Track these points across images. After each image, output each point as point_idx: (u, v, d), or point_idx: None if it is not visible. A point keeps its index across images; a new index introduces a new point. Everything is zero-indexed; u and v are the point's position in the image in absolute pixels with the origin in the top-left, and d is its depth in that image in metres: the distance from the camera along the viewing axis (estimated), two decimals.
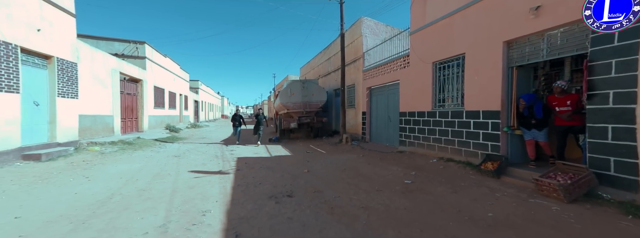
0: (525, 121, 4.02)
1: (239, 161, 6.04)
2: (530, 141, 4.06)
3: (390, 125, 8.17)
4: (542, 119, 3.89)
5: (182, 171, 4.92)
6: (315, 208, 2.99)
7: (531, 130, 4.00)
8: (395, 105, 7.75)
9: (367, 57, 9.84)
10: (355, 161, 5.87)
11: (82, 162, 5.42)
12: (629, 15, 2.90)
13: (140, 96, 11.39)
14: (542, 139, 3.96)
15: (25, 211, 2.84)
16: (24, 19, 5.37)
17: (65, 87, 6.47)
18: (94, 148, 6.57)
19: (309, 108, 10.68)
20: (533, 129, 3.98)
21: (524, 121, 4.04)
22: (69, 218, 2.65)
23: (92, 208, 2.95)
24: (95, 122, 7.87)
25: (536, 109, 3.91)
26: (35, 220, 2.60)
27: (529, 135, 4.05)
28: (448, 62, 5.53)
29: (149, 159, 6.11)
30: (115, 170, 4.89)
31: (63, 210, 2.87)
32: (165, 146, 8.33)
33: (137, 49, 11.48)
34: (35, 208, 2.91)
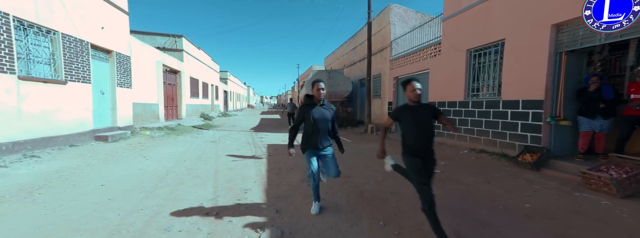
0: (592, 107, 3.61)
1: (269, 147, 6.46)
2: (587, 133, 3.71)
3: None
4: (612, 103, 3.53)
5: (221, 155, 5.44)
6: (346, 191, 3.20)
7: (595, 119, 3.62)
8: (424, 95, 7.54)
9: (394, 46, 9.55)
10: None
11: (138, 144, 6.24)
12: (629, 15, 2.88)
13: (179, 86, 12.41)
14: (605, 130, 3.59)
15: (107, 181, 3.47)
16: (92, 18, 6.14)
17: (122, 78, 7.34)
18: (145, 132, 7.46)
19: (334, 97, 10.80)
20: (598, 118, 3.59)
21: (590, 106, 3.63)
22: (140, 188, 3.19)
23: (154, 181, 3.49)
24: (145, 109, 8.86)
25: (605, 91, 3.54)
26: (116, 188, 3.18)
27: (587, 126, 3.70)
28: (484, 49, 5.21)
29: (190, 143, 6.80)
30: (165, 151, 5.57)
31: (134, 182, 3.45)
32: (202, 133, 9.12)
33: (175, 43, 12.37)
34: (113, 179, 3.53)
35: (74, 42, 5.57)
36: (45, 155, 4.60)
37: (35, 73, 4.77)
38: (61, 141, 5.23)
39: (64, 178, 3.49)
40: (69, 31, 5.43)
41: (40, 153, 4.64)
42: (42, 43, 4.93)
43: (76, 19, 5.61)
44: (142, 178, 3.64)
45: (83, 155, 4.87)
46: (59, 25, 5.17)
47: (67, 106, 5.40)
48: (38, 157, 4.38)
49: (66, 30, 5.35)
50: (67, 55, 5.40)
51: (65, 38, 5.34)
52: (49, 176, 3.56)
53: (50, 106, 5.02)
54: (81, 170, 3.90)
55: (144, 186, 3.27)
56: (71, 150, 5.12)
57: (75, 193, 2.99)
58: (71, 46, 5.49)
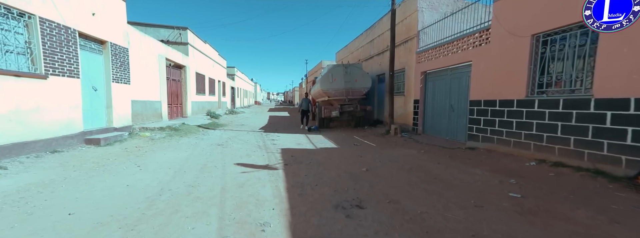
0: None
1: (284, 153, 5.55)
2: None
3: (452, 115, 6.93)
4: None
5: (228, 163, 4.56)
6: (404, 230, 2.23)
7: None
8: (463, 92, 6.44)
9: (422, 37, 8.41)
10: (418, 158, 4.96)
11: (135, 148, 5.43)
12: (629, 15, 2.91)
13: (184, 82, 11.62)
14: None
15: (80, 204, 2.61)
16: (80, 2, 5.28)
17: (119, 72, 6.53)
18: (145, 133, 6.67)
19: (351, 95, 9.77)
20: None
21: None
22: (119, 221, 2.31)
23: (142, 207, 2.61)
24: (146, 107, 8.08)
25: None
26: (87, 221, 2.30)
27: None
28: (562, 32, 4.08)
29: (194, 147, 5.96)
30: (164, 158, 4.73)
31: (115, 207, 2.57)
32: (208, 133, 8.30)
33: (180, 35, 11.55)
34: (89, 203, 2.67)
35: (57, 29, 4.74)
36: (15, 165, 3.79)
37: (4, 65, 3.94)
38: (40, 146, 4.43)
39: (23, 202, 2.64)
40: (50, 15, 4.59)
41: (10, 162, 3.83)
42: (14, 28, 4.09)
43: (59, 1, 4.76)
44: (127, 200, 2.77)
45: (64, 164, 4.06)
46: (35, 7, 4.32)
47: (49, 105, 4.60)
48: (4, 168, 3.56)
49: (46, 14, 4.51)
50: (48, 44, 4.58)
51: (45, 23, 4.50)
52: (4, 198, 2.73)
53: (26, 105, 4.21)
54: (53, 187, 3.07)
55: (125, 217, 2.39)
56: (51, 158, 4.32)
57: (24, 230, 2.13)
58: (53, 33, 4.65)
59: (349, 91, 9.70)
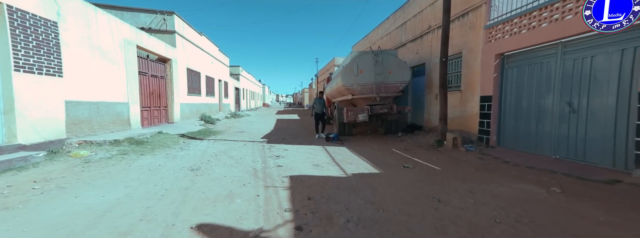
0: None
1: (294, 187, 3.06)
2: None
3: (572, 121, 4.24)
4: None
5: (182, 220, 2.12)
6: None
7: None
8: (598, 82, 3.75)
9: (495, 3, 5.77)
10: (557, 209, 2.34)
11: (30, 183, 3.07)
12: (629, 15, 2.89)
13: (170, 79, 9.40)
14: None
15: None
16: None
17: (34, 57, 4.25)
18: (79, 152, 4.34)
19: (384, 91, 7.16)
20: None
21: None
22: None
23: None
24: (99, 112, 5.79)
25: None
26: None
27: None
28: None
29: (148, 176, 3.57)
30: (68, 209, 2.33)
31: None
32: (189, 147, 5.94)
33: (165, 21, 9.36)
34: None
35: None
36: None
37: None
38: None
39: None
40: None
41: None
42: None
43: None
44: None
45: None
46: None
47: None
48: None
49: None
50: None
51: None
52: None
53: None
54: None
55: None
56: None
57: None
58: None
59: (381, 87, 7.11)
